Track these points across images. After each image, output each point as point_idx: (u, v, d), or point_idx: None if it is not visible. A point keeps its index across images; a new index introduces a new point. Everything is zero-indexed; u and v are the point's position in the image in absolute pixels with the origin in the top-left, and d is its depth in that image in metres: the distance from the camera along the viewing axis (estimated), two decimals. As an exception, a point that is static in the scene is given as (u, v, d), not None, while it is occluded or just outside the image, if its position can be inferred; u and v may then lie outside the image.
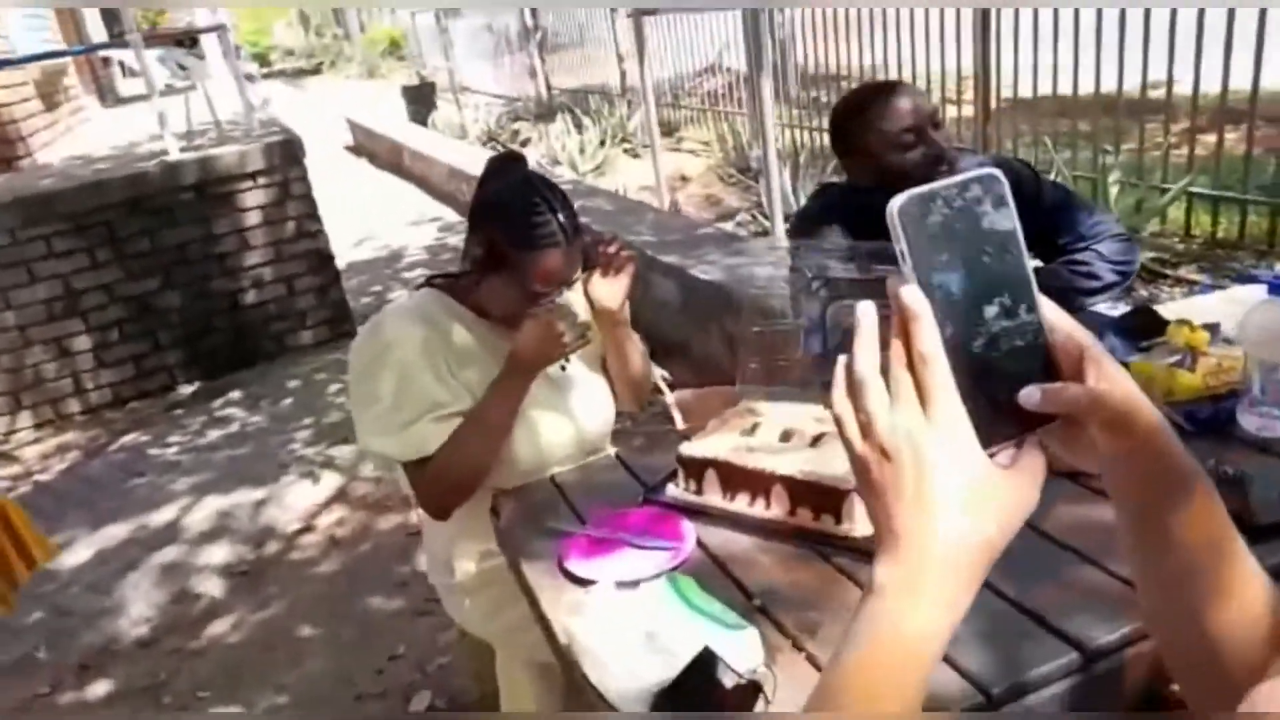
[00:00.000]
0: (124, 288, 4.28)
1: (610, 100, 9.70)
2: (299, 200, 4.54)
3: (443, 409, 1.55)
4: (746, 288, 3.35)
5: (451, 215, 6.89)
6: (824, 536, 1.28)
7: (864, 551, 1.24)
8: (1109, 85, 4.38)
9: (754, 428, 1.47)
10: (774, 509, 1.34)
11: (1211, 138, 4.24)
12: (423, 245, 6.31)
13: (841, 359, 0.56)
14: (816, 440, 1.40)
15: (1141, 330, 1.68)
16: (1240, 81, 3.90)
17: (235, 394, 4.33)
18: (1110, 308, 2.01)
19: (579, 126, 9.00)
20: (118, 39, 7.32)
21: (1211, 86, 3.98)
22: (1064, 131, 4.79)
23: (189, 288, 4.39)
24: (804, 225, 1.96)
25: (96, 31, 9.17)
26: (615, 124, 9.18)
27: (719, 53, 8.67)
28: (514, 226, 1.52)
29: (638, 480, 1.56)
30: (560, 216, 1.52)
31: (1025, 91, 4.89)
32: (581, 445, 1.73)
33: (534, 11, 10.79)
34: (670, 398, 2.10)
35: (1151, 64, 4.22)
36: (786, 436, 1.42)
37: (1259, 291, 1.92)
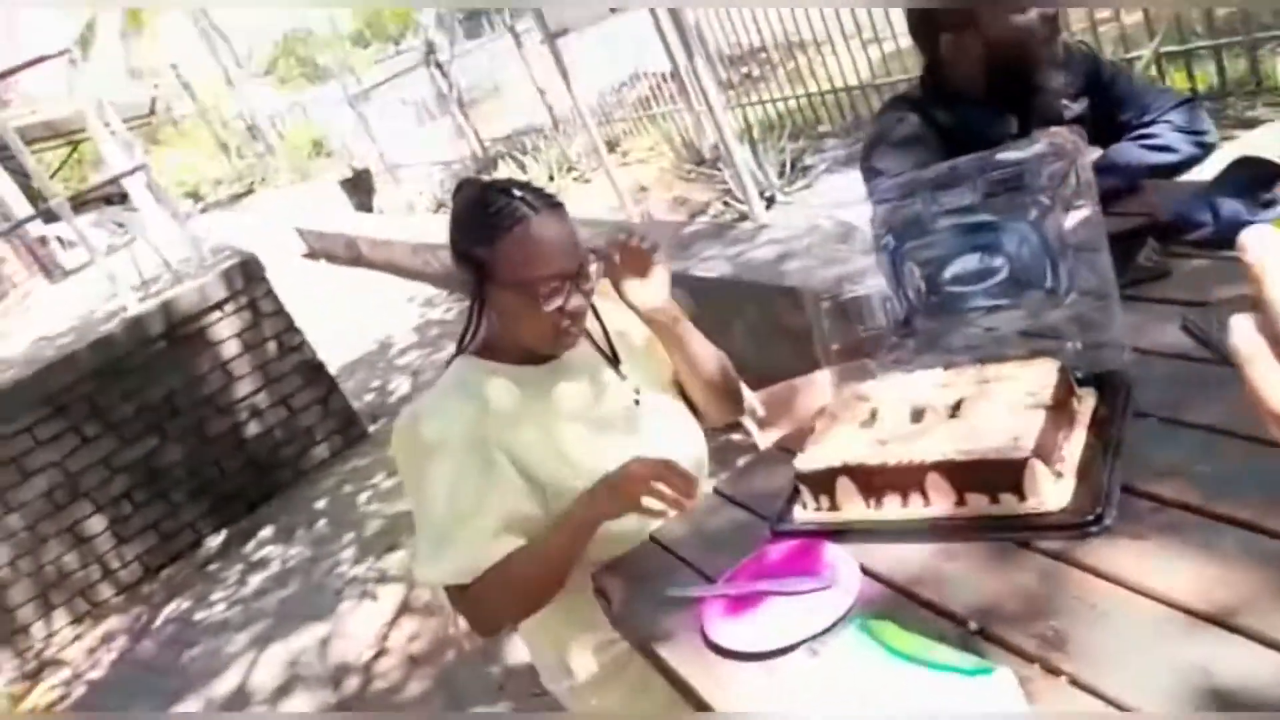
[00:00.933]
0: (122, 456, 4.06)
1: (545, 135, 9.58)
2: (273, 317, 4.33)
3: (490, 516, 1.32)
4: (764, 275, 3.14)
5: (428, 290, 6.69)
6: (1012, 521, 1.06)
7: (1068, 527, 1.02)
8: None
9: (873, 415, 1.25)
10: (936, 504, 1.12)
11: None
12: (409, 328, 6.10)
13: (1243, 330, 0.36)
14: (956, 410, 1.18)
15: (1254, 184, 1.48)
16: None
17: (266, 531, 4.10)
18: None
19: (522, 168, 8.88)
20: (45, 213, 7.12)
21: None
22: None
23: (188, 438, 4.17)
24: (875, 155, 1.76)
25: (21, 211, 8.96)
26: (557, 156, 9.06)
27: (636, 59, 8.56)
28: (476, 226, 1.34)
29: (753, 514, 1.33)
30: (516, 192, 1.33)
31: None
32: None
33: (444, 73, 10.69)
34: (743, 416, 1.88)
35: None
36: (918, 415, 1.20)
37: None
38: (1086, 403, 1.20)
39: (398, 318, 6.40)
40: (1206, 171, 1.76)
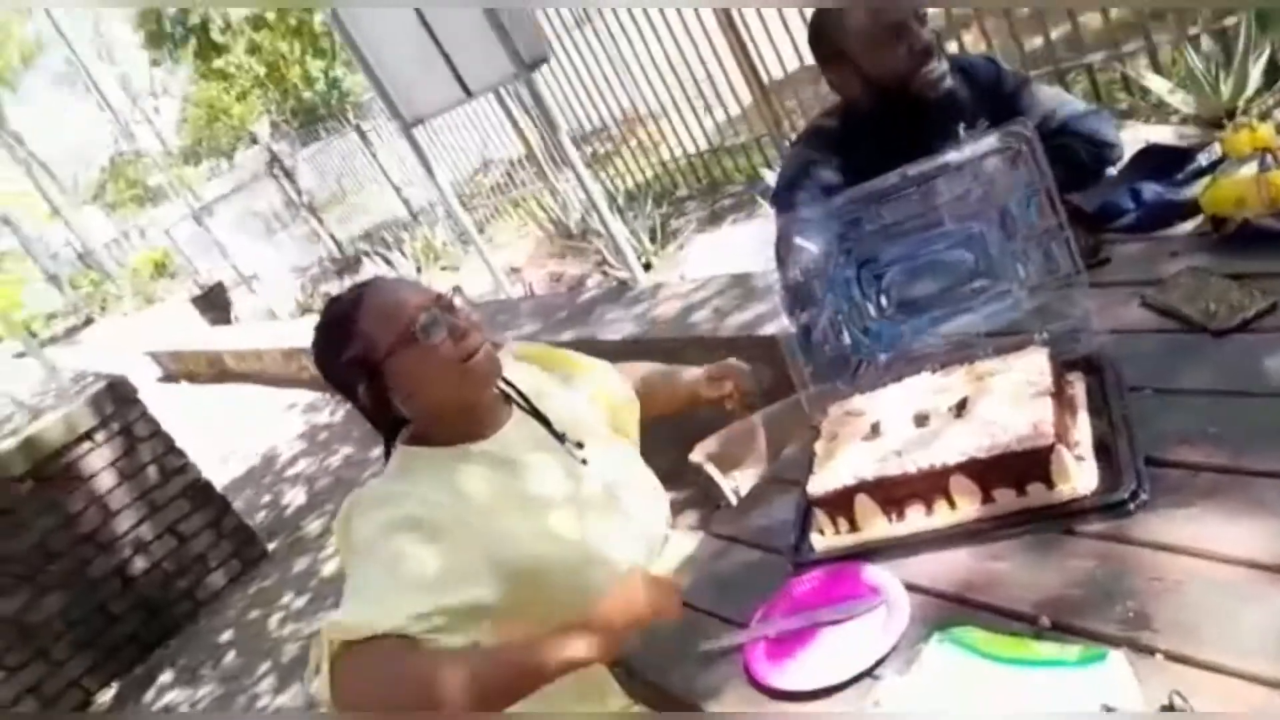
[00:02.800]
0: (-10, 618, 3.62)
1: (405, 228, 9.48)
2: (150, 440, 4.00)
3: (428, 592, 1.13)
4: (671, 330, 3.12)
5: (307, 395, 6.37)
6: (1048, 511, 1.04)
7: (1109, 507, 1.00)
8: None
9: (874, 429, 1.22)
10: (963, 507, 1.09)
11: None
12: (294, 435, 5.78)
13: None
14: (961, 409, 1.16)
15: (1163, 168, 1.55)
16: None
17: (166, 676, 3.71)
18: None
19: (388, 263, 8.72)
20: None
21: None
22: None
23: (66, 585, 3.75)
24: (794, 195, 1.76)
25: None
26: (422, 247, 8.94)
27: (483, 147, 8.61)
28: (332, 337, 1.32)
29: (764, 550, 1.27)
30: (339, 293, 1.38)
31: (792, 64, 4.94)
32: (651, 544, 1.43)
33: (291, 179, 10.53)
34: (702, 459, 1.82)
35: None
36: (922, 420, 1.18)
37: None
38: (1078, 386, 1.20)
39: (279, 428, 6.06)
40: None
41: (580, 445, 1.44)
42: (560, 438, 1.42)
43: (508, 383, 1.44)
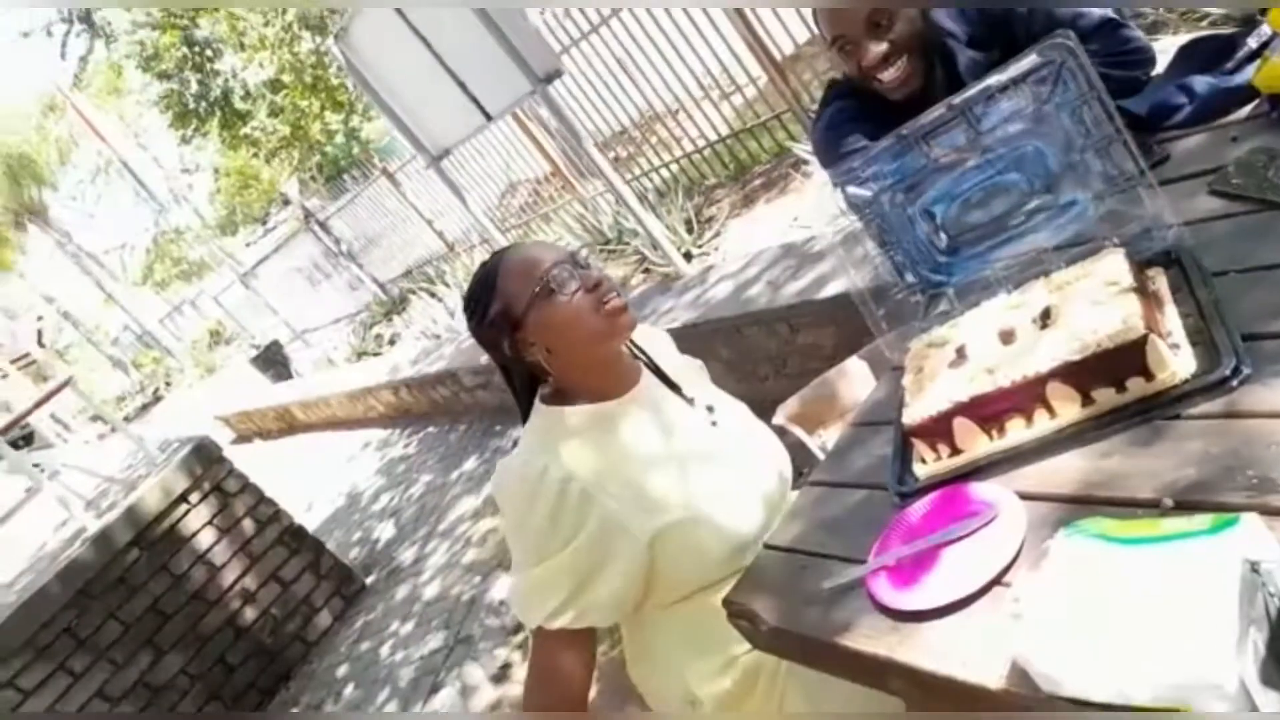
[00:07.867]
0: (118, 682, 3.76)
1: (444, 259, 9.62)
2: (242, 494, 4.14)
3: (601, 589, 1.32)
4: (728, 309, 3.15)
5: (378, 433, 6.53)
6: (1149, 403, 1.04)
7: (1213, 386, 1.00)
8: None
9: (960, 353, 1.23)
10: (1064, 413, 1.10)
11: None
12: (372, 472, 5.92)
13: None
14: (1046, 318, 1.17)
15: (1210, 60, 1.54)
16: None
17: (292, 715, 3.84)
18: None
19: (434, 295, 8.86)
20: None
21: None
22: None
23: (184, 642, 3.91)
24: (833, 139, 1.77)
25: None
26: (465, 276, 9.07)
27: (506, 170, 8.72)
28: (479, 299, 1.38)
29: (866, 488, 1.29)
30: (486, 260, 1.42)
31: (801, 37, 4.94)
32: (776, 504, 1.45)
33: (327, 230, 10.79)
34: (784, 422, 1.85)
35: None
36: (1008, 337, 1.19)
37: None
38: (1160, 280, 1.20)
39: (357, 468, 6.21)
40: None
41: (710, 409, 1.49)
42: (690, 400, 1.48)
43: (635, 346, 1.49)
